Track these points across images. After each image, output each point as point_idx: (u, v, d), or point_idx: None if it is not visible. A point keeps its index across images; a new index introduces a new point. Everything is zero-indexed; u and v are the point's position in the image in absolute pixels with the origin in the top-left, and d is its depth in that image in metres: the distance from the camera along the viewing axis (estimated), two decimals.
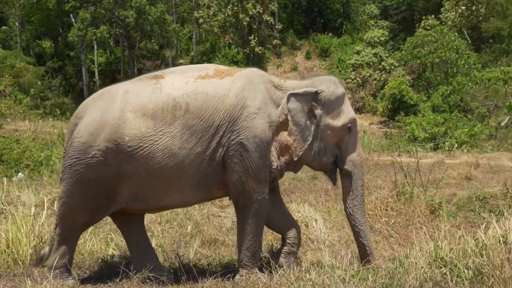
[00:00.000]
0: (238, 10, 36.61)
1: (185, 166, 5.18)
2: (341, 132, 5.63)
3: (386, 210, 8.01)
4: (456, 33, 32.58)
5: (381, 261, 5.75)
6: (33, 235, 6.38)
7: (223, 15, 37.73)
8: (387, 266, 5.41)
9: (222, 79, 5.43)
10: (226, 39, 40.01)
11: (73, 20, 38.06)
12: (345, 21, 43.42)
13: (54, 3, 36.63)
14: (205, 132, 5.21)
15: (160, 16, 35.74)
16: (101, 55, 40.50)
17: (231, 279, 5.35)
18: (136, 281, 5.28)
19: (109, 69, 40.48)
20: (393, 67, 34.19)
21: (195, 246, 6.70)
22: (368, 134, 24.78)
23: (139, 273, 5.37)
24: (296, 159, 5.47)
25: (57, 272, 5.27)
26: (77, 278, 5.45)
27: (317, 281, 4.92)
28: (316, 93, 5.51)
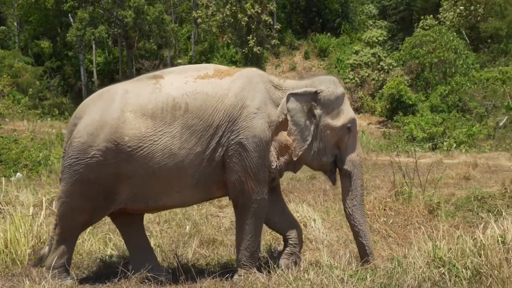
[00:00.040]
0: (237, 10, 36.59)
1: (185, 166, 5.18)
2: (340, 132, 5.63)
3: (385, 210, 8.02)
4: (455, 33, 32.53)
5: (379, 261, 5.75)
6: (31, 235, 6.39)
7: (221, 15, 37.70)
8: (385, 266, 5.40)
9: (221, 79, 5.43)
10: (225, 39, 39.92)
11: (71, 20, 38.03)
12: (343, 21, 43.35)
13: (52, 3, 36.62)
14: (204, 132, 5.21)
15: (159, 16, 35.75)
16: (99, 55, 40.46)
17: (229, 279, 5.34)
18: (135, 281, 5.28)
19: (108, 69, 40.45)
20: (391, 67, 34.14)
21: (194, 246, 6.69)
22: (366, 134, 24.80)
23: (138, 273, 5.37)
24: (295, 159, 5.47)
25: (55, 272, 5.27)
26: (75, 278, 5.46)
27: (315, 281, 4.92)
28: (316, 93, 5.51)
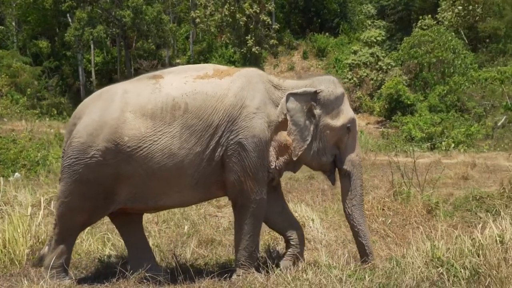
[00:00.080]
0: (235, 9, 36.60)
1: (185, 166, 5.18)
2: (340, 132, 5.62)
3: (383, 210, 8.02)
4: (453, 33, 32.53)
5: (378, 261, 5.75)
6: (29, 235, 6.38)
7: (220, 15, 37.73)
8: (384, 266, 5.40)
9: (221, 79, 5.42)
10: (223, 39, 39.93)
11: (69, 20, 38.04)
12: (342, 21, 43.35)
13: (50, 3, 36.62)
14: (204, 132, 5.20)
15: (157, 16, 35.75)
16: (97, 55, 40.44)
17: (228, 279, 5.34)
18: (133, 281, 5.27)
19: (106, 69, 40.45)
20: (390, 67, 34.16)
21: (192, 246, 6.69)
22: (365, 134, 24.84)
23: (136, 273, 5.36)
24: (295, 159, 5.46)
25: (54, 272, 5.25)
26: (73, 278, 5.45)
27: (314, 281, 4.91)
28: (316, 93, 5.50)
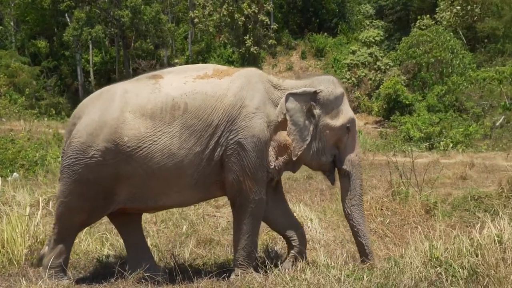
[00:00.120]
0: (233, 10, 36.64)
1: (184, 166, 5.18)
2: (340, 132, 5.61)
3: (381, 209, 8.02)
4: (451, 33, 32.57)
5: (376, 261, 5.75)
6: (28, 235, 6.36)
7: (218, 15, 37.77)
8: (382, 266, 5.39)
9: (220, 79, 5.42)
10: (221, 38, 39.97)
11: (68, 20, 38.05)
12: (340, 21, 43.38)
13: (49, 3, 36.60)
14: (204, 132, 5.20)
15: (155, 16, 35.76)
16: (96, 54, 40.47)
17: (226, 279, 5.34)
18: (132, 281, 5.27)
19: (104, 69, 40.49)
20: (388, 67, 34.20)
21: (190, 246, 6.69)
22: (363, 134, 24.83)
23: (135, 273, 5.36)
24: (295, 159, 5.45)
25: (52, 272, 5.25)
26: (72, 278, 5.45)
27: (312, 280, 4.91)
28: (315, 93, 5.49)
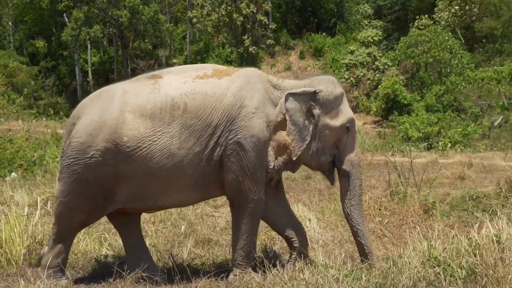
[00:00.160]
0: (232, 9, 36.64)
1: (184, 166, 5.18)
2: (339, 132, 5.60)
3: (380, 209, 8.03)
4: (450, 33, 32.61)
5: (375, 261, 5.75)
6: (26, 235, 6.36)
7: (216, 15, 37.77)
8: (380, 266, 5.40)
9: (220, 79, 5.42)
10: (220, 38, 39.99)
11: (66, 20, 38.03)
12: (338, 20, 43.39)
13: (47, 3, 36.58)
14: (203, 132, 5.20)
15: (154, 16, 35.74)
16: (94, 54, 40.45)
17: (224, 279, 5.34)
18: (130, 281, 5.26)
19: (103, 69, 40.49)
20: (386, 67, 34.21)
21: (189, 245, 6.68)
22: (361, 133, 24.81)
23: (133, 273, 5.36)
24: (294, 158, 5.45)
25: (50, 272, 5.25)
26: (70, 278, 5.44)
27: (310, 280, 4.90)
28: (315, 92, 5.49)
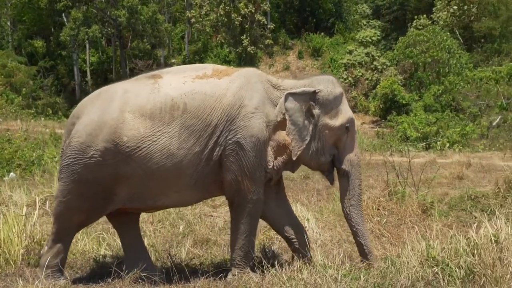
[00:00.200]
0: (230, 9, 36.63)
1: (183, 166, 5.18)
2: (339, 132, 5.61)
3: (378, 209, 8.02)
4: (448, 33, 32.57)
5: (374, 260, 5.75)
6: (24, 235, 6.35)
7: (215, 15, 37.74)
8: (379, 266, 5.40)
9: (220, 79, 5.42)
10: (218, 38, 39.93)
11: (65, 20, 38.03)
12: (337, 20, 43.33)
13: (46, 3, 36.60)
14: (203, 132, 5.20)
15: (152, 16, 35.78)
16: (93, 54, 40.44)
17: (223, 279, 5.34)
18: (128, 281, 5.26)
19: (101, 69, 40.48)
20: (385, 67, 34.17)
21: (187, 245, 6.68)
22: (360, 133, 24.80)
23: (131, 272, 5.36)
24: (294, 158, 5.45)
25: (49, 272, 5.24)
26: (68, 278, 5.44)
27: (309, 280, 4.91)
28: (314, 92, 5.49)
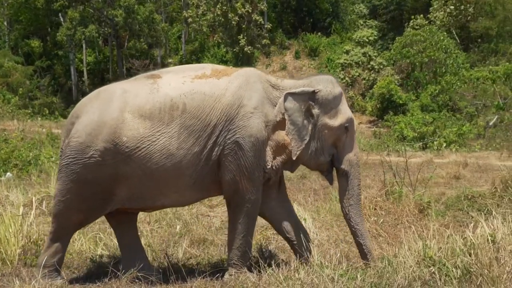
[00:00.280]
0: (227, 9, 36.63)
1: (183, 166, 5.18)
2: (338, 131, 5.62)
3: (375, 209, 8.02)
4: (445, 33, 32.55)
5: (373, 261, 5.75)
6: (21, 235, 6.33)
7: (212, 15, 37.76)
8: (375, 265, 5.40)
9: (219, 78, 5.42)
10: (215, 38, 39.95)
11: (61, 19, 38.01)
12: (334, 20, 43.35)
13: (42, 2, 36.54)
14: (202, 132, 5.20)
15: (149, 16, 35.75)
16: (89, 54, 40.42)
17: (220, 279, 5.34)
18: (125, 281, 5.26)
19: (98, 69, 40.46)
20: (382, 67, 34.20)
21: (184, 245, 6.68)
22: (357, 133, 24.67)
23: (128, 272, 5.35)
24: (294, 158, 5.45)
25: (46, 271, 5.23)
26: (65, 278, 5.43)
27: (306, 280, 4.90)
28: (314, 92, 5.49)
